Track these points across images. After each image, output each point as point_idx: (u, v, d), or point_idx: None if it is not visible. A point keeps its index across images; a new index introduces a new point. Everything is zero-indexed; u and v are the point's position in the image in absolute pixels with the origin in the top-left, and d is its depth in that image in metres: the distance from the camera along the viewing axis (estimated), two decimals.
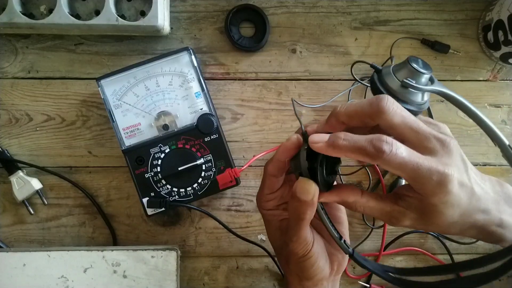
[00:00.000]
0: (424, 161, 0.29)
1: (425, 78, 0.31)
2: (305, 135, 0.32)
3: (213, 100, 0.50)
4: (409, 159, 0.29)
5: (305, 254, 0.34)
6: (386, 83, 0.31)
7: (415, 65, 0.31)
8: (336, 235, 0.33)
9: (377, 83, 0.32)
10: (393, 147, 0.28)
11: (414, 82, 0.30)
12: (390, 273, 0.34)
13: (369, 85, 0.34)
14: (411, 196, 0.33)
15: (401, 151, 0.28)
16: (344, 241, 0.33)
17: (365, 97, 0.51)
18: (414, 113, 0.31)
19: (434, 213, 0.30)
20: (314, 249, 0.34)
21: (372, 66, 0.33)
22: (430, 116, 0.52)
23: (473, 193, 0.31)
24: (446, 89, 0.31)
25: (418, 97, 0.31)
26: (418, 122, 0.31)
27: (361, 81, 0.35)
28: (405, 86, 0.30)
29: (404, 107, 0.30)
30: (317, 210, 0.33)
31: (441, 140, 0.31)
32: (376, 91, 0.32)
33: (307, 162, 0.31)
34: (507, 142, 0.30)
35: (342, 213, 0.40)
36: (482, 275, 0.32)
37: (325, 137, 0.30)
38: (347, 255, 0.34)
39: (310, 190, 0.31)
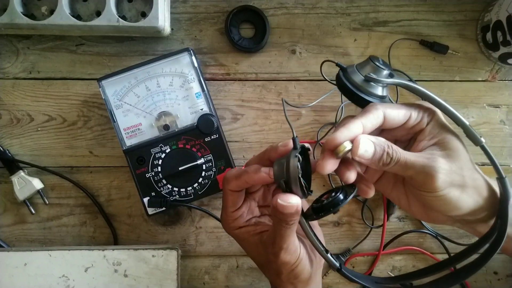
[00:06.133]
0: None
1: (385, 73, 0.34)
2: (295, 140, 0.31)
3: (214, 100, 0.50)
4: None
5: (296, 260, 0.34)
6: (351, 78, 0.35)
7: (376, 62, 0.34)
8: (322, 249, 0.33)
9: (343, 79, 0.35)
10: None
11: (375, 76, 0.34)
12: (378, 283, 0.35)
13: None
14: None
15: None
16: (331, 254, 0.33)
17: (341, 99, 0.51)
18: None
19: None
20: (302, 252, 0.34)
21: (337, 64, 0.36)
22: None
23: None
24: (405, 80, 0.34)
25: (379, 91, 0.35)
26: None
27: (330, 81, 0.39)
28: (368, 80, 0.34)
29: (367, 99, 0.34)
30: (302, 226, 0.33)
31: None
32: (342, 87, 0.35)
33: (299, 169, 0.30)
34: (467, 122, 0.34)
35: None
36: (459, 271, 0.34)
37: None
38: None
39: (293, 202, 0.30)
